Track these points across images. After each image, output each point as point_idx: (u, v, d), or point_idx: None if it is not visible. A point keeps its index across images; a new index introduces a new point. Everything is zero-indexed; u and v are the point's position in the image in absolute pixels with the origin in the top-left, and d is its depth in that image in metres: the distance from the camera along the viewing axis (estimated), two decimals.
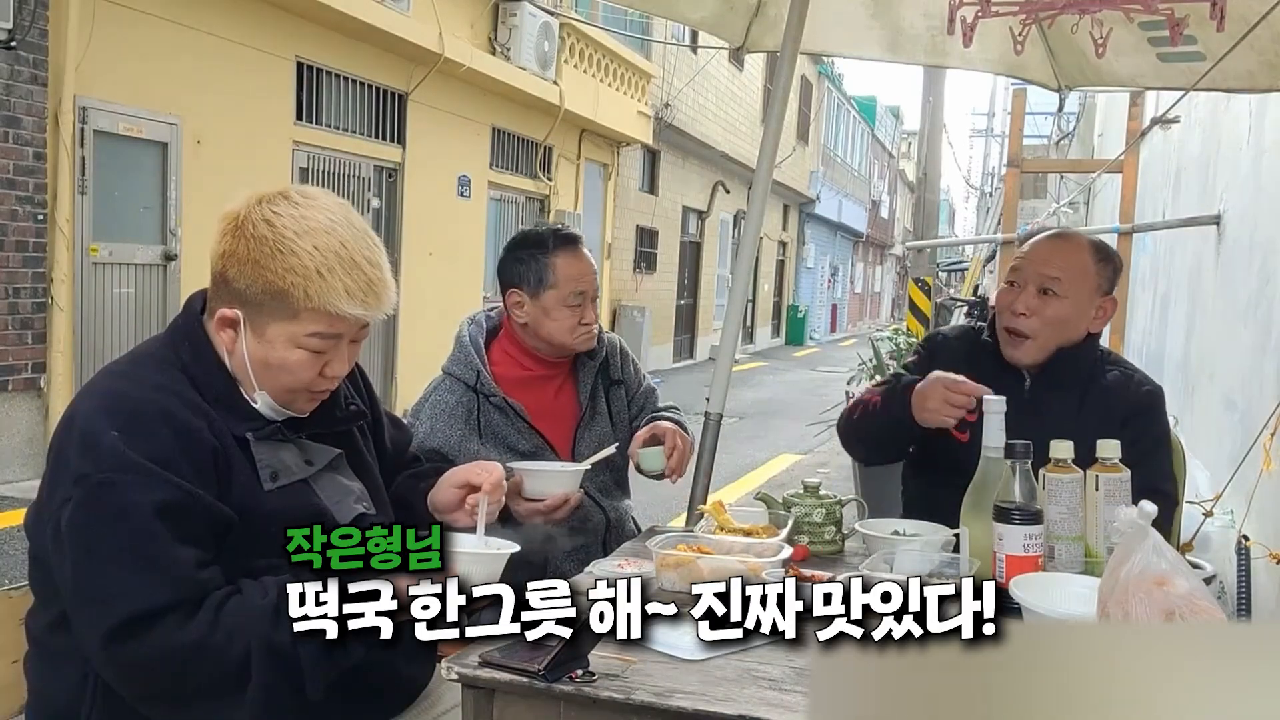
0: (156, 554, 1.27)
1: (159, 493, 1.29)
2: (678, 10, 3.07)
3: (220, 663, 1.27)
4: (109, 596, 1.26)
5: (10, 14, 5.49)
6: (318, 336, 1.41)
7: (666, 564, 1.74)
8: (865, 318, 37.66)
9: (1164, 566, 1.35)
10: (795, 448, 8.74)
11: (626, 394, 2.43)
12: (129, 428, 1.32)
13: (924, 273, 9.77)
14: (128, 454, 1.30)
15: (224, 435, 1.39)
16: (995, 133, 29.52)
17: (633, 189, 14.54)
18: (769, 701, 1.28)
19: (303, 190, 1.46)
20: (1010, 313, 2.13)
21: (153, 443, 1.31)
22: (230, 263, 1.40)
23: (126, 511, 1.28)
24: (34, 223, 5.81)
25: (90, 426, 1.33)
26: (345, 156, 8.50)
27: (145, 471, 1.29)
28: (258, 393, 1.44)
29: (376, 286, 1.42)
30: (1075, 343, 2.14)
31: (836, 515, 1.98)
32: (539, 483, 2.05)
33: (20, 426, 5.87)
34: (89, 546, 1.28)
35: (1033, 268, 2.12)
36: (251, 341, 1.42)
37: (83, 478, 1.29)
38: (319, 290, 1.37)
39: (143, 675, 1.28)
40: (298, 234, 1.38)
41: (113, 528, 1.27)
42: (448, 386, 2.24)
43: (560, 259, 2.24)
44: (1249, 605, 3.24)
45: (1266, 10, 2.45)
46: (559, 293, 2.22)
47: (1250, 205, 4.42)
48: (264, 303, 1.39)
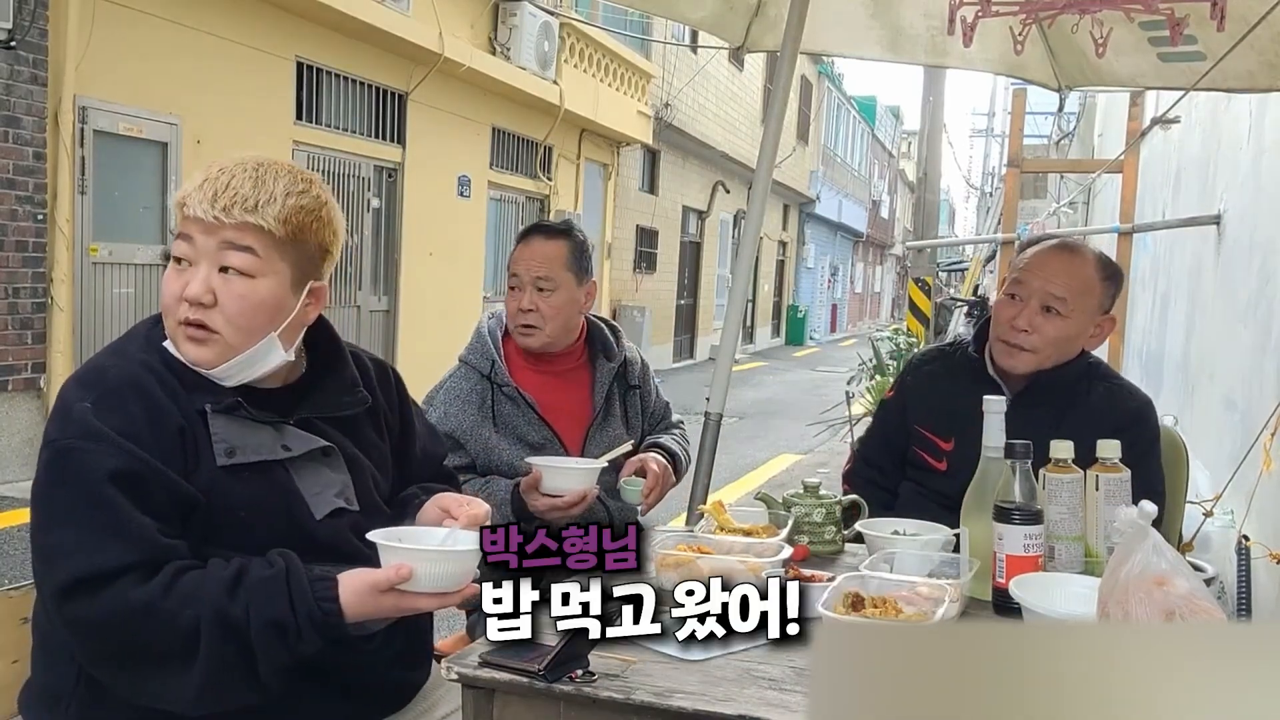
0: (112, 518, 1.28)
1: (117, 460, 1.30)
2: (678, 10, 3.07)
3: (170, 628, 1.26)
4: (61, 555, 1.28)
5: (10, 14, 5.49)
6: (177, 240, 1.41)
7: (666, 564, 1.74)
8: (865, 318, 37.65)
9: (1164, 566, 1.35)
10: (795, 448, 8.74)
11: (642, 401, 2.44)
12: (101, 399, 1.34)
13: (924, 273, 9.77)
14: (93, 422, 1.31)
15: (193, 418, 1.39)
16: (995, 133, 29.52)
17: (633, 189, 14.54)
18: (769, 701, 1.28)
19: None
20: (1011, 327, 2.07)
21: (120, 414, 1.33)
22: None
23: (83, 475, 1.29)
24: (34, 223, 5.81)
25: (67, 396, 1.36)
26: (345, 156, 8.50)
27: (108, 439, 1.31)
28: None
29: (235, 192, 1.37)
30: (1065, 362, 2.10)
31: (836, 515, 1.98)
32: (557, 479, 2.08)
33: (20, 426, 5.87)
34: (48, 507, 1.31)
35: (1038, 283, 2.05)
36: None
37: (50, 442, 1.33)
38: (183, 194, 1.39)
39: (94, 635, 1.29)
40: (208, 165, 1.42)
41: (69, 490, 1.30)
42: (462, 374, 2.29)
43: (518, 247, 2.32)
44: (1249, 605, 3.24)
45: (1266, 10, 2.45)
46: (508, 275, 2.31)
47: (1250, 205, 4.42)
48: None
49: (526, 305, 2.25)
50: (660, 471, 2.29)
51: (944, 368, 2.24)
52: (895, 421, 2.27)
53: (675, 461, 2.39)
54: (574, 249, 2.29)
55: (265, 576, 1.30)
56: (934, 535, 1.87)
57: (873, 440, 2.34)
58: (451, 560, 1.37)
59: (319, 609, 1.30)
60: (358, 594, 1.32)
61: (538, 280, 2.25)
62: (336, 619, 1.31)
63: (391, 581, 1.31)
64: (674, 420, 2.53)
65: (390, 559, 1.34)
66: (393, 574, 1.31)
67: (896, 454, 2.26)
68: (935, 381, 2.22)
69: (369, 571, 1.34)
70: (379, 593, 1.32)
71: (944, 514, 1.96)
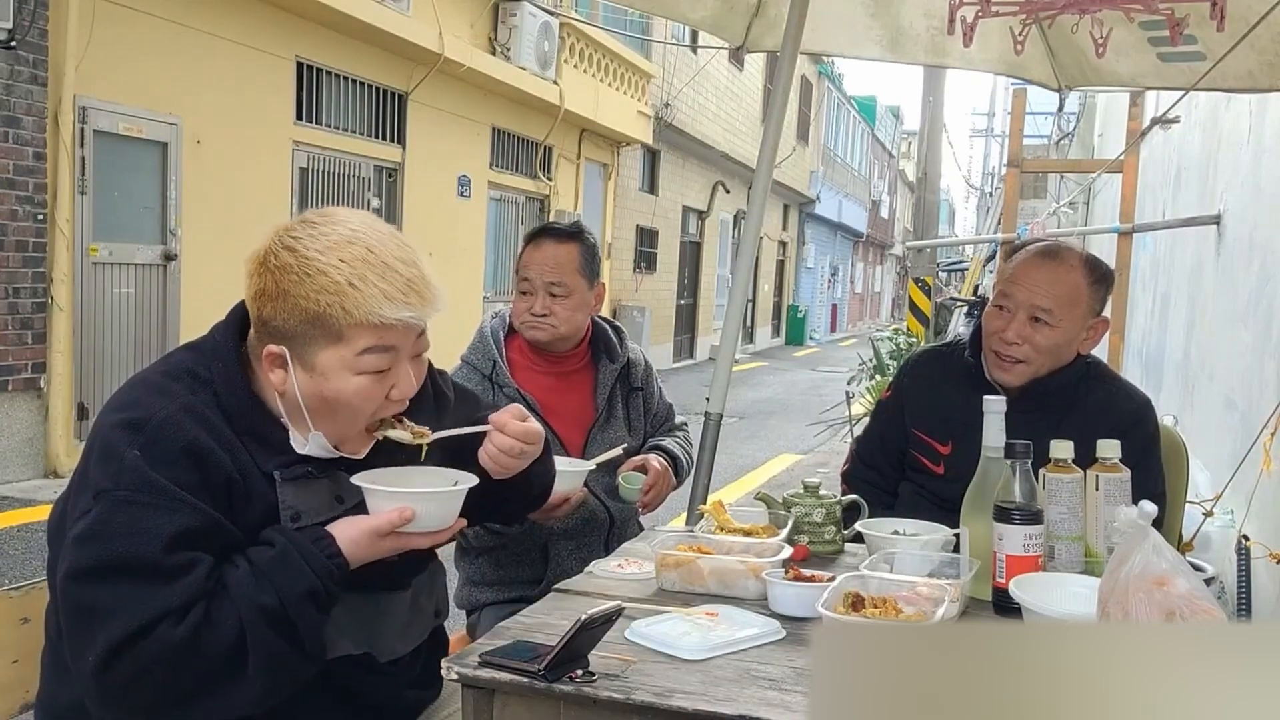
0: (165, 573, 1.25)
1: (180, 517, 1.26)
2: (678, 10, 3.07)
3: (216, 648, 1.25)
4: (106, 613, 1.23)
5: (10, 14, 5.49)
6: (371, 353, 1.33)
7: (666, 564, 1.74)
8: (865, 318, 37.66)
9: (1164, 566, 1.35)
10: (795, 448, 8.74)
11: (645, 404, 2.44)
12: (150, 448, 1.28)
13: (924, 273, 9.77)
14: (150, 474, 1.26)
15: (247, 468, 1.35)
16: (995, 133, 29.53)
17: (633, 189, 14.54)
18: (769, 701, 1.28)
19: (322, 211, 1.40)
20: (1000, 339, 2.05)
21: (173, 466, 1.28)
22: (264, 301, 1.34)
23: (145, 532, 1.24)
24: (34, 223, 5.81)
25: (112, 441, 1.30)
26: (345, 156, 8.50)
27: (169, 494, 1.27)
28: (311, 434, 1.38)
29: (417, 285, 1.35)
30: (1061, 366, 2.08)
31: (836, 515, 1.98)
32: None
33: (20, 426, 5.87)
34: (97, 557, 1.24)
35: (1023, 295, 2.02)
36: (302, 377, 1.35)
37: (103, 493, 1.26)
38: (355, 302, 1.31)
39: (142, 685, 1.24)
40: (321, 251, 1.32)
41: (126, 545, 1.24)
42: (465, 374, 2.29)
43: (527, 249, 2.31)
44: (1249, 605, 3.24)
45: (1267, 10, 2.45)
46: (518, 278, 2.30)
47: (1250, 205, 4.42)
48: (305, 332, 1.33)
49: (539, 310, 2.25)
50: (661, 470, 2.28)
51: (941, 371, 2.22)
52: (892, 422, 2.26)
53: (676, 464, 2.38)
54: (585, 252, 2.29)
55: (275, 556, 1.31)
56: (934, 535, 1.87)
57: (870, 442, 2.33)
58: (443, 500, 1.42)
59: (334, 565, 1.33)
60: (356, 542, 1.35)
61: (550, 285, 2.24)
62: (345, 570, 1.35)
63: (394, 524, 1.35)
64: (677, 423, 2.53)
65: (381, 503, 1.37)
66: (395, 517, 1.35)
67: (894, 454, 2.25)
68: (933, 385, 2.21)
69: (363, 519, 1.37)
70: (379, 537, 1.36)
71: (943, 515, 1.96)
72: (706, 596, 1.69)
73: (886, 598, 1.55)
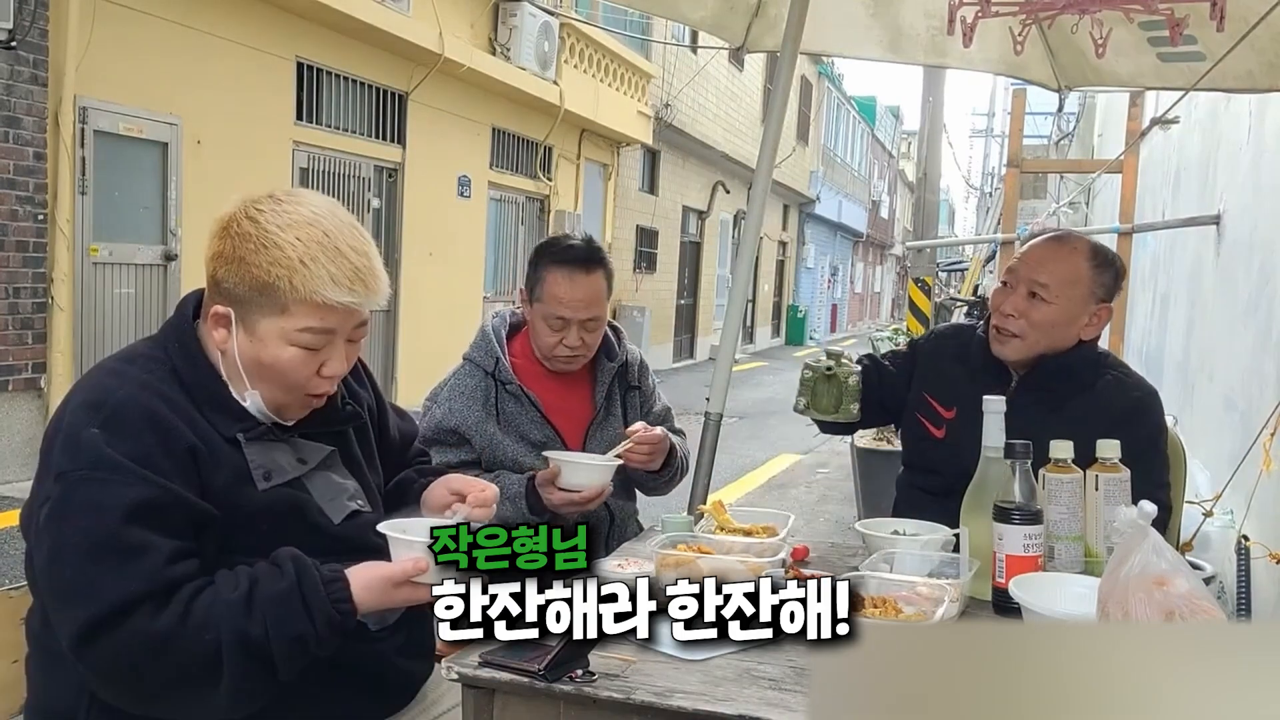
0: (130, 551, 1.27)
1: (136, 490, 1.29)
2: (678, 10, 3.07)
3: (191, 654, 1.26)
4: (82, 593, 1.25)
5: (10, 14, 5.48)
6: (309, 331, 1.39)
7: (666, 564, 1.74)
8: (865, 318, 37.65)
9: (1164, 566, 1.35)
10: (795, 448, 8.74)
11: (642, 401, 2.44)
12: (110, 425, 1.31)
13: (924, 273, 9.74)
14: (107, 451, 1.29)
15: (209, 436, 1.38)
16: (995, 133, 29.50)
17: (633, 189, 14.53)
18: (769, 701, 1.28)
19: (290, 191, 1.46)
20: (1000, 312, 2.14)
21: (133, 441, 1.31)
22: (219, 263, 1.40)
23: (102, 507, 1.27)
24: (34, 223, 5.81)
25: (73, 422, 1.33)
26: (345, 156, 8.50)
27: (124, 469, 1.29)
28: (248, 392, 1.43)
29: (364, 274, 1.40)
30: (1065, 349, 2.11)
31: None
32: (577, 474, 2.10)
33: (20, 426, 5.87)
34: (65, 542, 1.27)
35: (1025, 270, 2.12)
36: (243, 339, 1.40)
37: (62, 474, 1.30)
38: (304, 280, 1.36)
39: (115, 670, 1.27)
40: (280, 227, 1.38)
41: (88, 523, 1.27)
42: (467, 371, 2.31)
43: (553, 275, 2.24)
44: (1249, 605, 3.24)
45: (1267, 10, 2.45)
46: (544, 308, 2.25)
47: (1250, 205, 4.42)
48: (253, 299, 1.39)
49: (574, 343, 2.25)
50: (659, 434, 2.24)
51: (959, 345, 2.29)
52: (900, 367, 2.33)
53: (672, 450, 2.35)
54: (608, 276, 2.29)
55: (279, 592, 1.30)
56: (934, 535, 1.87)
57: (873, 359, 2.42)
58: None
59: (336, 612, 1.32)
60: (370, 589, 1.35)
61: (585, 322, 2.25)
62: (352, 618, 1.34)
63: (408, 574, 1.34)
64: (675, 427, 2.52)
65: (402, 551, 1.36)
66: (410, 567, 1.34)
67: (889, 376, 2.32)
68: (949, 355, 2.28)
69: (381, 565, 1.36)
70: (393, 586, 1.35)
71: (937, 502, 1.99)
72: None
73: (886, 598, 1.55)
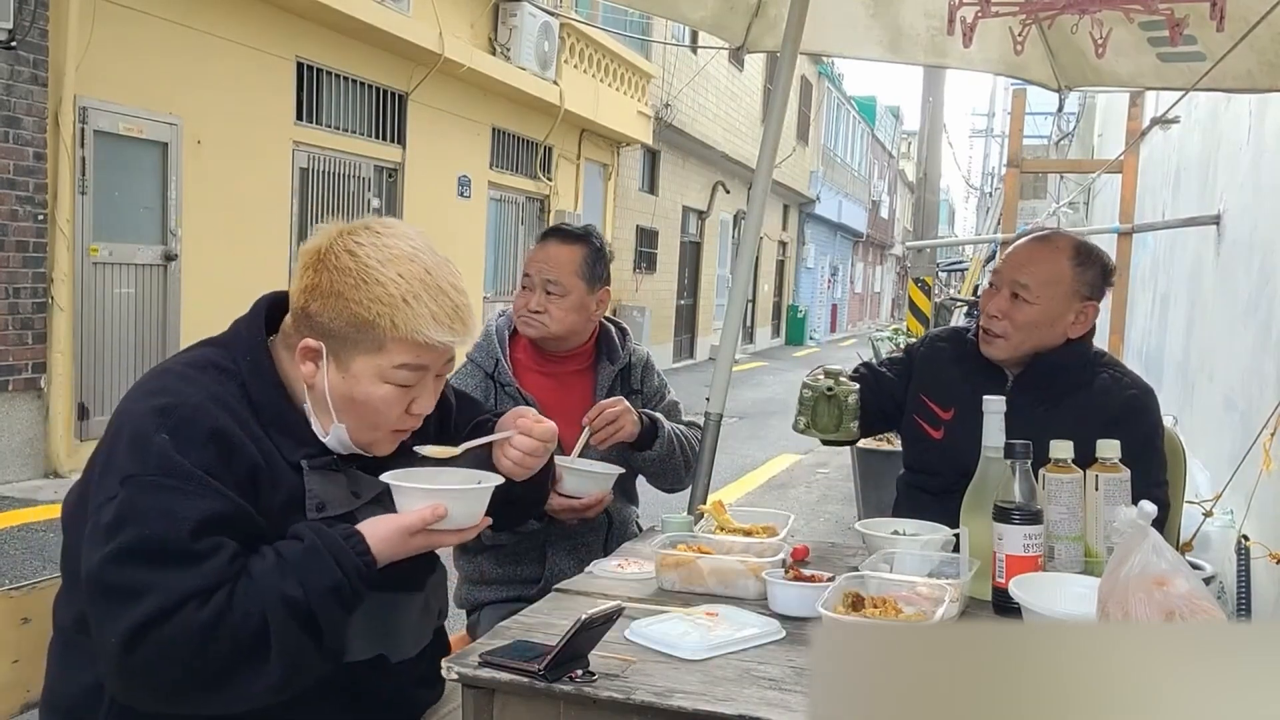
0: (191, 558, 1.26)
1: (209, 501, 1.28)
2: (678, 10, 3.07)
3: (240, 633, 1.26)
4: (140, 593, 1.24)
5: (10, 14, 5.48)
6: (405, 369, 1.38)
7: (666, 564, 1.74)
8: (865, 318, 37.66)
9: (1164, 566, 1.35)
10: (795, 448, 8.73)
11: (643, 405, 2.42)
12: (178, 433, 1.30)
13: (924, 273, 9.75)
14: (177, 458, 1.28)
15: (273, 456, 1.37)
16: (995, 133, 29.50)
17: (633, 189, 14.53)
18: (769, 701, 1.28)
19: (382, 220, 1.44)
20: (985, 314, 2.16)
21: (199, 451, 1.30)
22: (313, 297, 1.37)
23: (174, 515, 1.26)
24: (34, 223, 5.81)
25: (141, 428, 1.31)
26: (345, 156, 8.50)
27: (195, 479, 1.28)
28: (333, 426, 1.41)
29: (463, 313, 1.40)
30: (1054, 347, 2.12)
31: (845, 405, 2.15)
32: (580, 481, 2.10)
33: (20, 426, 5.87)
34: (130, 545, 1.25)
35: (1008, 271, 2.14)
36: (334, 374, 1.39)
37: (130, 477, 1.28)
38: (405, 318, 1.35)
39: (168, 665, 1.25)
40: (381, 262, 1.36)
41: (158, 530, 1.25)
42: (468, 371, 2.32)
43: (535, 247, 2.36)
44: (1249, 605, 3.24)
45: (1267, 10, 2.45)
46: (523, 274, 2.34)
47: (1250, 205, 4.42)
48: (349, 335, 1.36)
49: (535, 306, 2.27)
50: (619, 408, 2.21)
51: (955, 349, 2.29)
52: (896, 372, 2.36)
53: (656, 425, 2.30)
54: (588, 255, 2.29)
55: (304, 550, 1.31)
56: (934, 535, 1.87)
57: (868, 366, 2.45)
58: (472, 497, 1.44)
59: (361, 563, 1.34)
60: (387, 540, 1.36)
61: (548, 283, 2.26)
62: (374, 568, 1.36)
63: (426, 522, 1.37)
64: (684, 419, 2.50)
65: (412, 501, 1.39)
66: (429, 514, 1.37)
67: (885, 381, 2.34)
68: (946, 359, 2.29)
69: (393, 516, 1.39)
70: (410, 534, 1.37)
71: (937, 501, 1.99)
72: (706, 596, 1.69)
73: (886, 598, 1.55)
